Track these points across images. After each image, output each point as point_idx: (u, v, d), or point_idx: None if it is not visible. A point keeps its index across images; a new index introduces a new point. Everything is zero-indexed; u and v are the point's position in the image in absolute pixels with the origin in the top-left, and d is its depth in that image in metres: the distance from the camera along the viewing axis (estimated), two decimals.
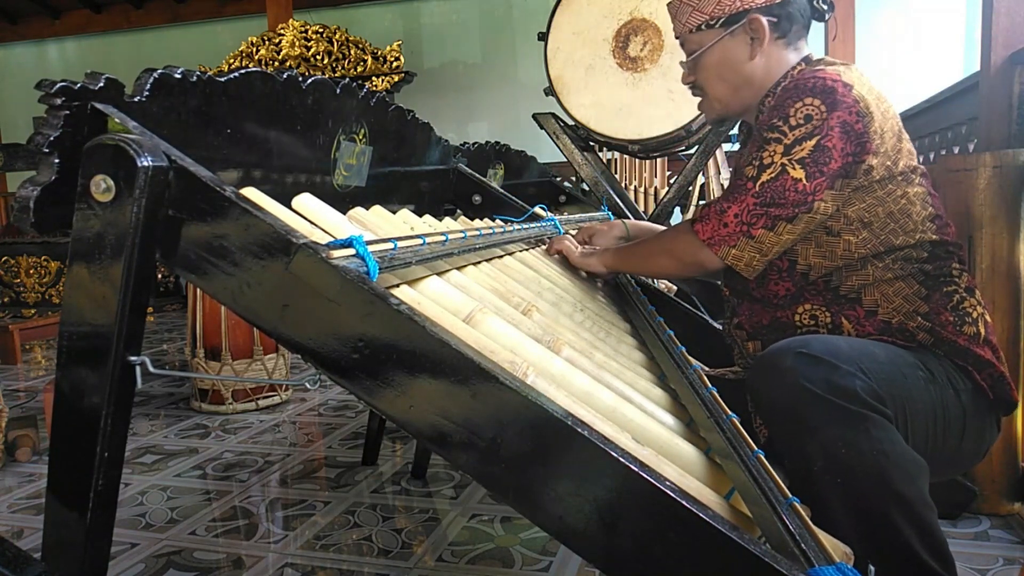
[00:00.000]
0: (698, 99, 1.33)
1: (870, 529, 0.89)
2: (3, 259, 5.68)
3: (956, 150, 2.48)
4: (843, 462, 0.89)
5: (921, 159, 2.34)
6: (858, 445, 0.89)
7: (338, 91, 1.20)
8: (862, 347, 1.00)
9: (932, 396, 1.00)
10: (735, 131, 3.22)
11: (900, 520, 0.89)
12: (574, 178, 4.81)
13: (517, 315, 0.97)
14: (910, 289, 1.10)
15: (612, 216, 2.58)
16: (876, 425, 0.90)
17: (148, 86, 0.84)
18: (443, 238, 1.00)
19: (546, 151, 3.60)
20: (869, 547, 0.89)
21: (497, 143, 2.60)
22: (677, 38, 1.31)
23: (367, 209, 1.19)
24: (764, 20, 1.20)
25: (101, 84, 0.80)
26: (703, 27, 1.24)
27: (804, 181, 1.07)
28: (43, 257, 5.61)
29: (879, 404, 0.91)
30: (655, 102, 2.45)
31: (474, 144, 2.38)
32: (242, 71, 0.98)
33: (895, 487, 0.89)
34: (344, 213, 1.05)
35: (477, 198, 1.86)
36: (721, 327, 1.37)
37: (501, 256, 1.27)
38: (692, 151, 2.81)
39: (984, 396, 1.07)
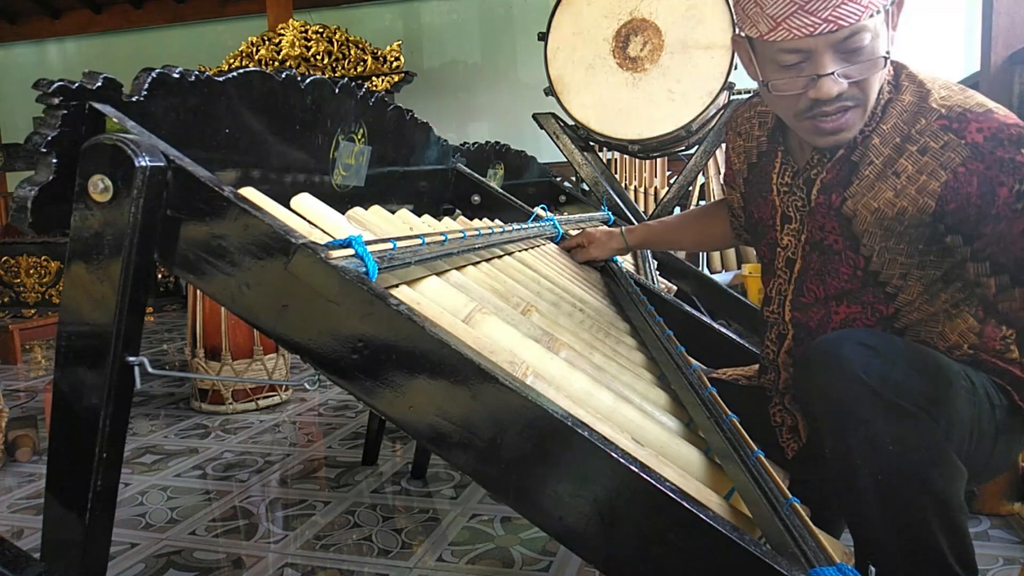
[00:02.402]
0: (837, 117, 0.97)
1: (903, 528, 0.88)
2: (3, 259, 5.68)
3: None
4: (888, 459, 0.86)
5: None
6: (906, 443, 0.86)
7: (337, 91, 1.20)
8: (916, 348, 0.97)
9: (972, 408, 0.97)
10: None
11: (935, 522, 0.87)
12: (574, 178, 4.81)
13: (516, 315, 0.96)
14: (965, 324, 1.04)
15: (612, 216, 2.58)
16: (925, 426, 0.87)
17: (146, 86, 0.84)
18: (442, 238, 1.00)
19: (546, 151, 3.60)
20: (899, 545, 0.88)
21: (497, 143, 2.60)
22: (834, 32, 0.91)
23: (366, 209, 1.19)
24: None
25: (99, 84, 0.80)
26: (884, 8, 0.93)
27: None
28: (43, 257, 5.61)
29: (930, 406, 0.88)
30: (655, 102, 2.45)
31: (474, 144, 2.38)
32: (241, 71, 0.98)
33: (936, 489, 0.87)
34: (343, 213, 1.05)
35: (476, 198, 1.86)
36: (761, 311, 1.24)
37: (500, 256, 1.27)
38: (692, 151, 2.81)
39: (1019, 415, 1.04)
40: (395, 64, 5.56)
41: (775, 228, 1.15)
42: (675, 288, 2.32)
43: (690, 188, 4.38)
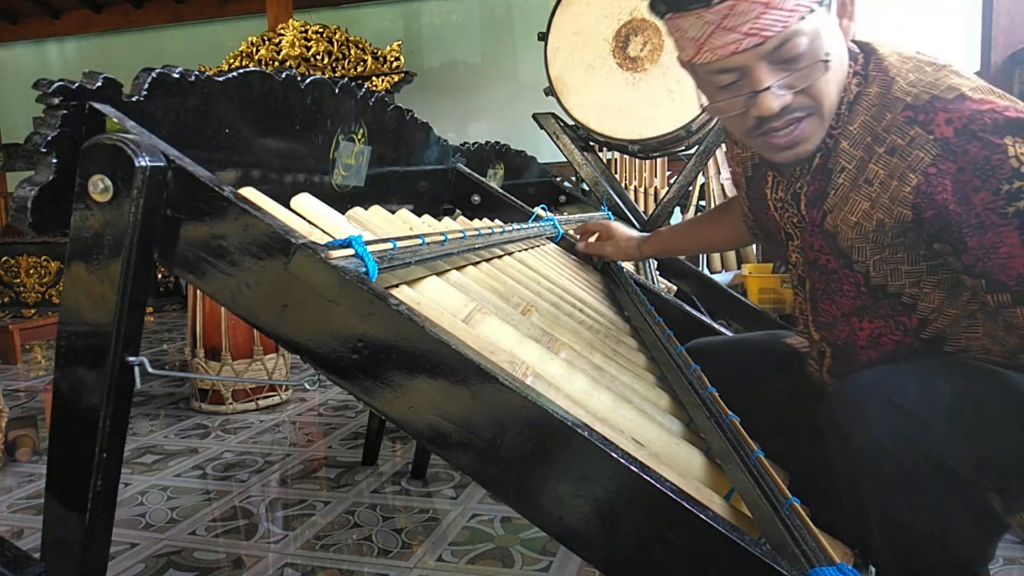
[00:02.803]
0: (790, 130, 0.89)
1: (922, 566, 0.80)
2: (3, 259, 5.67)
3: None
4: (908, 529, 0.77)
5: None
6: (929, 518, 0.76)
7: (337, 91, 1.20)
8: (971, 394, 0.81)
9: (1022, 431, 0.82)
10: None
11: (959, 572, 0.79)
12: (574, 178, 4.81)
13: (516, 315, 0.96)
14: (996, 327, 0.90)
15: (612, 216, 2.58)
16: (960, 498, 0.76)
17: (146, 86, 0.84)
18: (442, 238, 1.00)
19: (546, 151, 3.60)
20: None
21: (497, 143, 2.60)
22: (760, 46, 0.82)
23: (366, 209, 1.19)
24: None
25: (99, 84, 0.80)
26: (816, 6, 0.83)
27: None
28: (43, 257, 5.61)
29: (974, 475, 0.76)
30: (655, 102, 2.45)
31: (474, 144, 2.38)
32: (241, 71, 0.98)
33: (959, 562, 0.78)
34: (343, 213, 1.05)
35: (476, 198, 1.86)
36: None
37: (500, 256, 1.27)
38: (692, 151, 2.81)
39: None
40: (395, 64, 5.56)
41: (783, 244, 1.06)
42: (675, 288, 2.32)
43: (690, 188, 4.37)
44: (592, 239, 1.64)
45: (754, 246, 4.95)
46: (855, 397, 0.82)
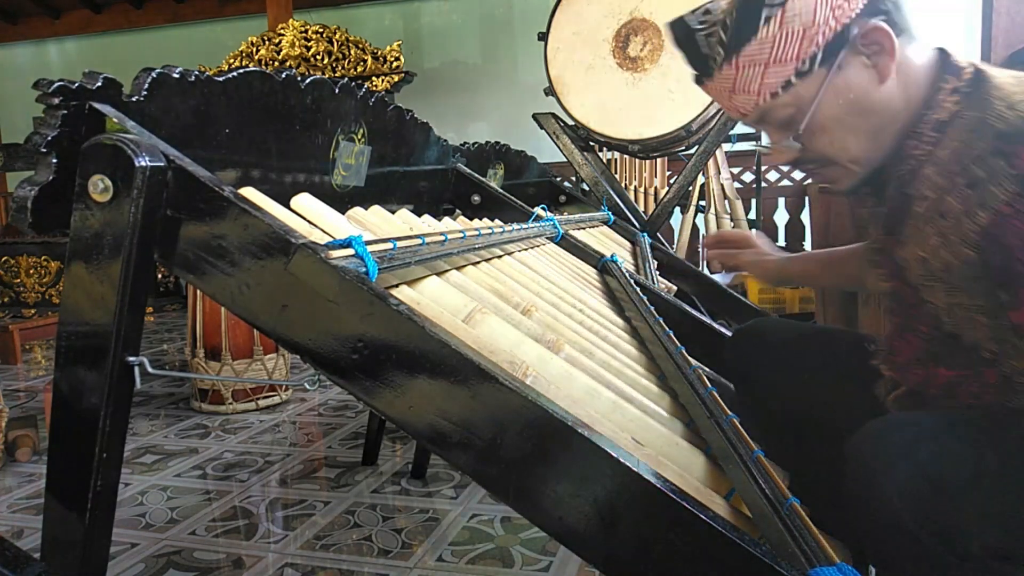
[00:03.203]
0: (817, 175, 0.93)
1: None
2: (3, 259, 5.67)
3: None
4: None
5: None
6: None
7: (337, 91, 1.20)
8: (1015, 462, 0.71)
9: None
10: (734, 131, 3.22)
11: None
12: (574, 178, 4.81)
13: (517, 315, 0.96)
14: None
15: (612, 216, 2.58)
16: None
17: (146, 86, 0.84)
18: (442, 238, 1.00)
19: (546, 151, 3.60)
20: None
21: (497, 143, 2.60)
22: (744, 119, 0.91)
23: (366, 209, 1.19)
24: (879, 24, 0.82)
25: (99, 84, 0.80)
26: (793, 81, 0.84)
27: None
28: (43, 257, 5.61)
29: (1002, 563, 0.68)
30: (655, 102, 2.45)
31: (474, 144, 2.38)
32: (241, 71, 0.98)
33: None
34: (343, 213, 1.05)
35: (476, 198, 1.86)
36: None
37: (500, 256, 1.27)
38: (692, 151, 2.80)
39: None
40: (395, 64, 5.56)
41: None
42: (675, 288, 2.32)
43: (690, 188, 4.37)
44: (725, 256, 1.41)
45: None
46: (872, 462, 0.74)
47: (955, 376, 0.84)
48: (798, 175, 5.16)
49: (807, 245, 4.79)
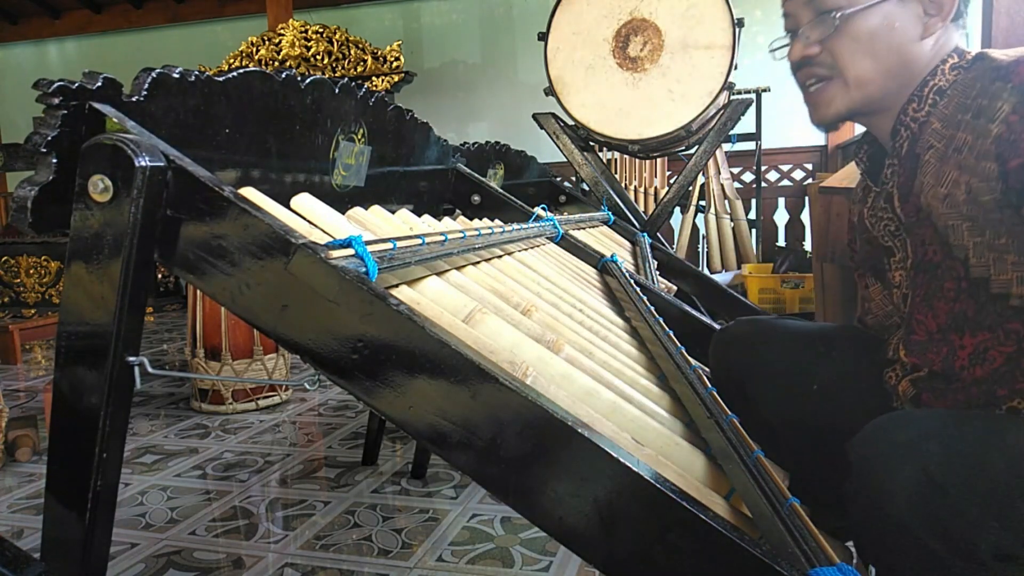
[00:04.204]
0: (811, 84, 0.96)
1: None
2: (3, 259, 5.67)
3: None
4: None
5: None
6: None
7: (337, 91, 1.20)
8: (1021, 463, 0.70)
9: None
10: (734, 131, 3.21)
11: None
12: (574, 178, 4.81)
13: (517, 315, 0.96)
14: None
15: (612, 216, 2.58)
16: None
17: (146, 86, 0.84)
18: (442, 238, 1.00)
19: (546, 151, 3.60)
20: None
21: (497, 143, 2.60)
22: None
23: (366, 209, 1.19)
24: None
25: (99, 84, 0.80)
26: None
27: None
28: (43, 257, 5.61)
29: (1007, 565, 0.67)
30: (655, 102, 2.45)
31: (474, 144, 2.38)
32: (241, 71, 0.98)
33: None
34: (343, 213, 1.05)
35: (476, 198, 1.86)
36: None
37: (500, 256, 1.27)
38: (692, 151, 2.80)
39: None
40: (395, 64, 5.56)
41: (888, 268, 1.00)
42: (675, 288, 2.32)
43: (690, 188, 4.38)
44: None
45: (754, 247, 4.95)
46: (881, 465, 0.72)
47: (980, 342, 0.83)
48: (798, 175, 5.17)
49: (807, 245, 4.79)
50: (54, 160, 0.77)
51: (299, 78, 1.10)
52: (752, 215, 5.00)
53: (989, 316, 0.83)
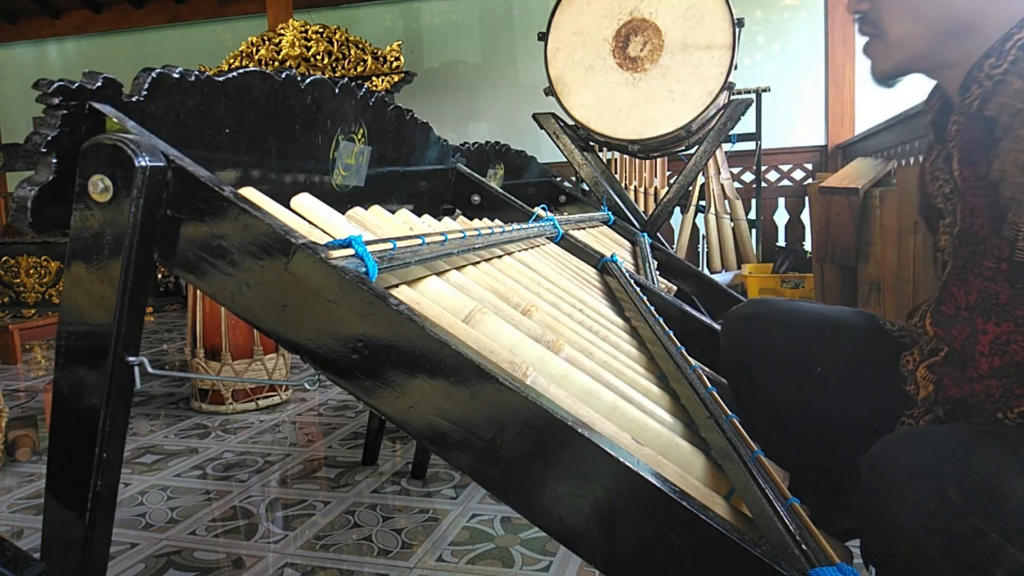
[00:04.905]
0: (863, 39, 0.95)
1: None
2: (3, 259, 5.68)
3: None
4: None
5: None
6: None
7: (337, 91, 1.20)
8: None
9: None
10: (734, 131, 3.21)
11: None
12: (574, 178, 4.81)
13: (517, 315, 0.96)
14: None
15: (612, 216, 2.58)
16: None
17: (146, 86, 0.84)
18: (442, 238, 1.00)
19: (546, 151, 3.60)
20: None
21: (497, 143, 2.60)
22: None
23: (366, 209, 1.19)
24: None
25: (99, 84, 0.80)
26: None
27: None
28: (43, 257, 5.61)
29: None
30: (655, 102, 2.45)
31: (474, 144, 2.38)
32: (241, 71, 0.98)
33: None
34: (343, 213, 1.05)
35: (476, 198, 1.86)
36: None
37: (500, 256, 1.27)
38: (692, 151, 2.81)
39: None
40: (395, 64, 5.56)
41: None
42: (675, 288, 2.32)
43: (690, 188, 4.38)
44: None
45: (754, 247, 4.95)
46: (888, 475, 0.71)
47: (1004, 331, 0.81)
48: (798, 175, 5.16)
49: (807, 245, 4.79)
50: (54, 160, 0.77)
51: (299, 78, 1.10)
52: (752, 215, 5.00)
53: (1019, 307, 0.80)
